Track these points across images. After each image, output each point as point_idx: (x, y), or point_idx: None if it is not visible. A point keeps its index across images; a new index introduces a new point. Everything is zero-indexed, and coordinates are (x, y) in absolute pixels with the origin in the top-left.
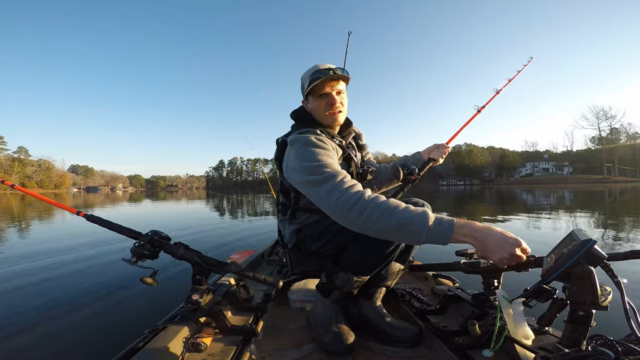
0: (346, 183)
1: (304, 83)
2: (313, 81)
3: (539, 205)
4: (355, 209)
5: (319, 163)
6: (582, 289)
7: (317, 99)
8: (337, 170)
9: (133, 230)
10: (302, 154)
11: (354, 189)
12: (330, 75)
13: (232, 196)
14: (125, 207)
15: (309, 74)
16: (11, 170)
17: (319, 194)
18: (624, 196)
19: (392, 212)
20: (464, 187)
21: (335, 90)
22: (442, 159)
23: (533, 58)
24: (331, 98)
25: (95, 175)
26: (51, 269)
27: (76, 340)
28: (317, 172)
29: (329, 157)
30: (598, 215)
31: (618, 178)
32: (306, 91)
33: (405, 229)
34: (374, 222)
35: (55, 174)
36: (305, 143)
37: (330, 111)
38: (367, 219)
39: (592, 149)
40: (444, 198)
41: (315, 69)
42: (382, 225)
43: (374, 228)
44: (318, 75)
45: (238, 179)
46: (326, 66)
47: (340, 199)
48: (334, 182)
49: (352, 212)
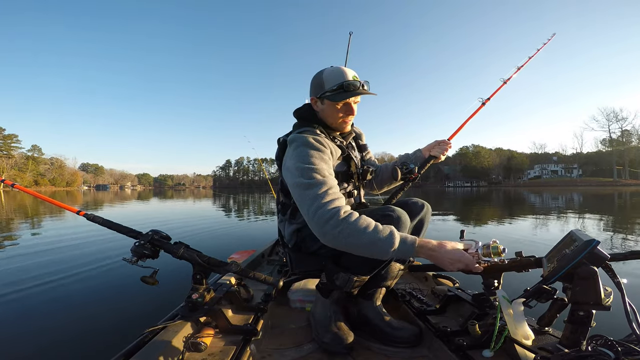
0: (329, 195)
1: (326, 84)
2: (342, 92)
3: (547, 208)
4: (329, 224)
5: (310, 166)
6: (585, 290)
7: (335, 104)
8: (325, 177)
9: (133, 229)
10: (297, 155)
11: (333, 204)
12: (360, 92)
13: (238, 196)
14: (133, 205)
15: (336, 80)
16: (25, 168)
17: (302, 198)
18: (634, 199)
19: (362, 233)
20: (471, 188)
21: (355, 100)
22: (444, 155)
23: (555, 34)
24: (351, 109)
25: (104, 173)
26: (51, 269)
27: (76, 339)
28: (306, 175)
29: (323, 160)
30: (607, 218)
31: (629, 181)
32: (325, 93)
33: (371, 249)
34: (344, 240)
35: (67, 172)
36: (302, 143)
37: (345, 119)
38: (339, 236)
39: (602, 151)
40: (450, 199)
41: (344, 78)
42: (351, 244)
43: (343, 245)
44: (350, 89)
45: (245, 179)
46: (352, 75)
47: (318, 211)
48: (317, 191)
49: (326, 226)
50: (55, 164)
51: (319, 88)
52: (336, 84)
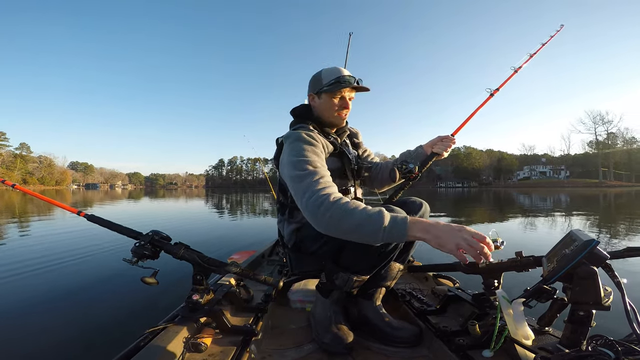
0: (320, 183)
1: (324, 79)
2: (339, 84)
3: (536, 208)
4: (321, 210)
5: (303, 159)
6: (585, 290)
7: (331, 99)
8: (317, 168)
9: (133, 230)
10: (292, 149)
11: (325, 191)
12: (355, 86)
13: (232, 195)
14: (125, 205)
15: (334, 74)
16: (13, 166)
17: (297, 190)
18: (618, 200)
19: (351, 213)
20: (462, 189)
21: (350, 96)
22: (447, 152)
23: (563, 26)
24: (346, 103)
25: (94, 172)
26: (51, 269)
27: (76, 340)
28: (299, 167)
29: (315, 153)
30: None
31: (613, 182)
32: (323, 87)
33: (362, 230)
34: (336, 224)
35: (56, 170)
36: (296, 138)
37: (340, 113)
38: (330, 220)
39: (589, 153)
40: (442, 200)
41: (340, 73)
42: (343, 227)
43: (336, 229)
44: (346, 81)
45: (238, 178)
46: (348, 73)
47: (311, 199)
48: (310, 180)
49: (318, 212)
50: (44, 163)
51: (317, 84)
52: (333, 78)
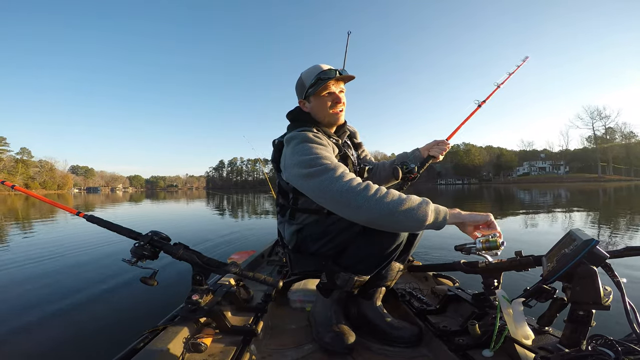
0: (348, 175)
1: (306, 82)
2: (320, 81)
3: (537, 204)
4: (362, 195)
5: (317, 156)
6: (585, 289)
7: (320, 98)
8: (337, 163)
9: (133, 230)
10: (299, 150)
11: (357, 180)
12: (337, 77)
13: (232, 196)
14: (126, 207)
15: (313, 74)
16: (15, 171)
17: (320, 185)
18: (618, 195)
19: (399, 200)
20: (462, 186)
21: (339, 89)
22: (442, 155)
23: (528, 57)
24: (336, 97)
25: (95, 175)
26: (51, 270)
27: (76, 340)
28: (315, 164)
29: (327, 151)
30: (593, 214)
31: (612, 177)
32: (307, 90)
33: (412, 214)
34: (384, 206)
35: (58, 174)
36: (302, 139)
37: (334, 109)
38: (379, 201)
39: (588, 148)
40: (443, 197)
41: (319, 70)
42: (393, 208)
43: (383, 211)
44: (326, 75)
45: (238, 179)
46: (327, 67)
47: (345, 187)
48: (335, 173)
49: (359, 197)
50: (45, 167)
51: (302, 88)
52: (313, 77)
